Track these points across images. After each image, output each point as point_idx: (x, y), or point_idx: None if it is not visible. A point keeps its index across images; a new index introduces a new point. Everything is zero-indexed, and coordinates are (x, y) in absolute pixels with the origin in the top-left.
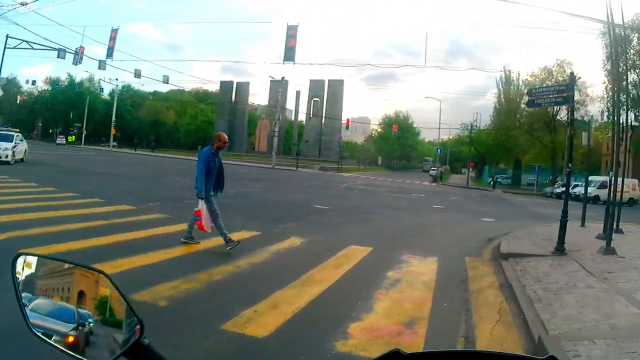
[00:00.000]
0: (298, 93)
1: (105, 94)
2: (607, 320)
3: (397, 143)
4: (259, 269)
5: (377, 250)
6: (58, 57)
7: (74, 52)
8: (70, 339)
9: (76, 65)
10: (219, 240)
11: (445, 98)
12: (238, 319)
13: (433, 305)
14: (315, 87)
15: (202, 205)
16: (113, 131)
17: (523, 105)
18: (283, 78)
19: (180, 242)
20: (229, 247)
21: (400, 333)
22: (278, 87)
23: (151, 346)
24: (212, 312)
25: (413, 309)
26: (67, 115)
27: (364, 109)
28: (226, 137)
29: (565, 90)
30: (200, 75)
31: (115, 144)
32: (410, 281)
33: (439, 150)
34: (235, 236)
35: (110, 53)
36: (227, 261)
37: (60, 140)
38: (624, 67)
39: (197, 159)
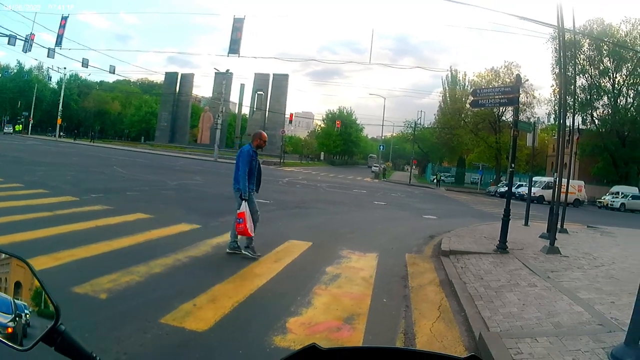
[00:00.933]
0: (242, 86)
1: (53, 83)
2: (550, 319)
3: (340, 139)
4: (198, 262)
5: (317, 245)
6: (8, 44)
7: (24, 39)
8: (9, 330)
9: (26, 52)
10: (159, 232)
11: (390, 95)
12: (177, 313)
13: (372, 301)
14: (260, 80)
15: (245, 207)
16: (59, 121)
17: (468, 105)
18: (228, 70)
19: (117, 234)
20: (245, 253)
21: (339, 328)
22: (222, 80)
23: (67, 332)
24: (151, 306)
25: (352, 304)
26: (15, 104)
27: (308, 104)
28: (266, 135)
29: (511, 91)
30: (146, 65)
31: (62, 134)
32: (350, 277)
33: (381, 147)
34: (175, 229)
35: (59, 41)
36: (167, 254)
37: (8, 129)
38: (573, 72)
39: (235, 157)
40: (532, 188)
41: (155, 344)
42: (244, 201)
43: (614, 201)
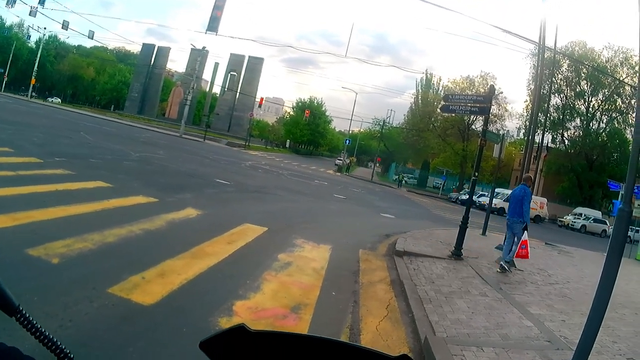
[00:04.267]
0: (216, 65)
1: (32, 42)
2: (498, 330)
3: (307, 128)
4: (151, 236)
5: (272, 231)
6: None
7: None
8: None
9: (9, 7)
10: (116, 202)
11: (362, 91)
12: (125, 284)
13: (321, 293)
14: (235, 61)
15: (526, 236)
16: (33, 81)
17: (439, 110)
18: (204, 48)
19: (76, 200)
20: (503, 267)
21: (285, 316)
22: (197, 56)
23: None
24: (100, 275)
25: (300, 294)
26: None
27: (280, 90)
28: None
29: (483, 101)
30: (125, 35)
31: (34, 94)
32: (301, 266)
33: (347, 141)
34: (132, 200)
35: (42, 0)
36: (122, 224)
37: None
38: (548, 90)
39: (515, 194)
40: (494, 199)
41: (100, 314)
42: (525, 231)
43: (575, 222)
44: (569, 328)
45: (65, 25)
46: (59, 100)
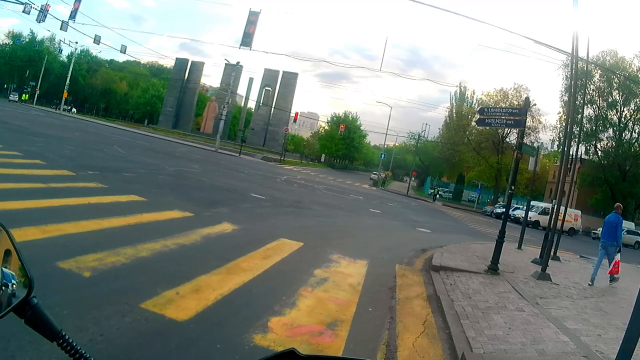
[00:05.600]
0: (251, 80)
1: (63, 56)
2: (534, 345)
3: (342, 143)
4: (186, 250)
5: (308, 246)
6: (23, 11)
7: (39, 9)
8: None
9: (40, 22)
10: (150, 216)
11: (396, 105)
12: (159, 299)
13: (358, 309)
14: (269, 76)
15: (619, 257)
16: (65, 94)
17: (474, 123)
18: (238, 63)
19: (108, 213)
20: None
21: (321, 333)
22: (232, 71)
23: (39, 306)
24: (134, 289)
25: (337, 310)
26: (24, 73)
27: (314, 104)
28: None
29: (518, 114)
30: (157, 49)
31: (66, 107)
32: (337, 282)
33: (383, 156)
34: (167, 215)
35: (73, 14)
36: (156, 239)
37: (13, 96)
38: (581, 101)
39: (609, 222)
40: (529, 212)
41: (132, 329)
42: (619, 253)
43: None
44: (605, 343)
45: (97, 40)
46: (75, 109)
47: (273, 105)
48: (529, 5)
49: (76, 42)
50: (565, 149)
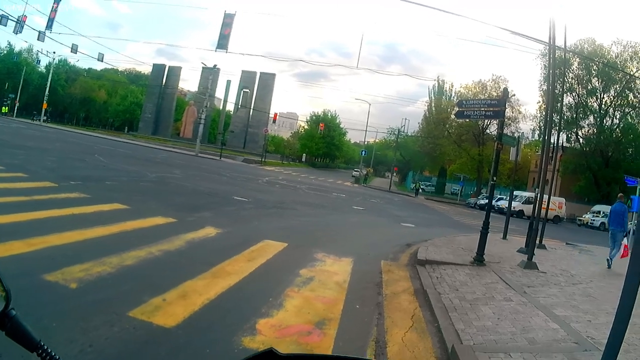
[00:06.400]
0: (228, 82)
1: (42, 67)
2: (524, 334)
3: (323, 141)
4: (171, 256)
5: (292, 246)
6: (0, 24)
7: (16, 20)
8: None
9: (17, 34)
10: (134, 224)
11: (375, 101)
12: (146, 307)
13: (345, 307)
14: (247, 78)
15: (627, 241)
16: (45, 105)
17: (453, 116)
18: (215, 66)
19: (92, 223)
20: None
21: (309, 333)
22: (209, 75)
23: (18, 317)
24: (121, 298)
25: (324, 309)
26: (3, 85)
27: (293, 104)
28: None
29: (497, 104)
30: (135, 56)
31: (45, 118)
32: (323, 280)
33: (363, 152)
34: (150, 222)
35: (50, 24)
36: (140, 246)
37: None
38: (560, 90)
39: (613, 211)
40: (512, 202)
41: (121, 338)
42: (626, 237)
43: (594, 220)
44: (596, 328)
45: (74, 49)
46: (45, 118)
47: (252, 107)
48: None
49: (54, 52)
50: (546, 138)
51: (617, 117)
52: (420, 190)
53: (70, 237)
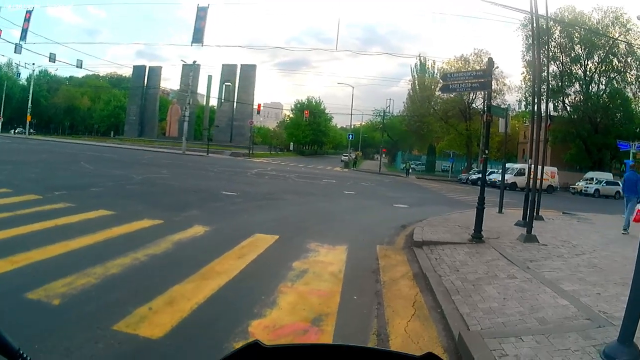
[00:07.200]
0: (210, 77)
1: (23, 80)
2: (533, 314)
3: (309, 129)
4: (158, 261)
5: (284, 238)
6: None
7: None
8: None
9: None
10: (120, 229)
11: (358, 84)
12: (131, 318)
13: (342, 299)
14: (228, 71)
15: (639, 206)
16: (29, 118)
17: (438, 93)
18: (195, 62)
19: (77, 233)
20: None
21: (305, 331)
22: (189, 71)
23: None
24: (105, 311)
25: (320, 303)
26: None
27: (277, 94)
28: None
29: (483, 75)
30: (115, 59)
31: (32, 130)
32: (318, 272)
33: (350, 136)
34: (136, 225)
35: (24, 35)
36: (126, 253)
37: None
38: (545, 59)
39: (628, 180)
40: (505, 175)
41: (106, 355)
42: (639, 203)
43: (588, 187)
44: (606, 301)
45: (52, 58)
46: (23, 129)
47: (235, 100)
48: None
49: (33, 64)
50: (536, 108)
51: (603, 82)
52: (411, 169)
53: (54, 250)
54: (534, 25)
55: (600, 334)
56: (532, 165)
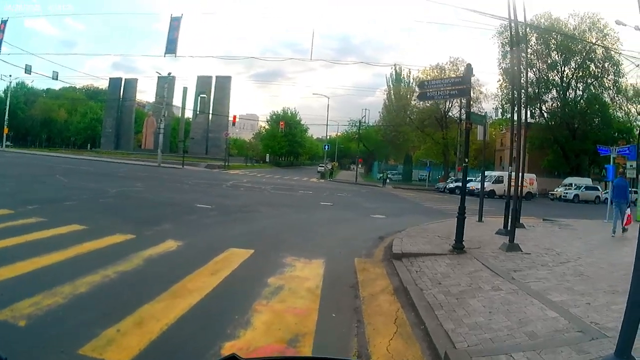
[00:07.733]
0: (185, 89)
1: (0, 92)
2: (522, 328)
3: (285, 140)
4: (128, 278)
5: (259, 253)
6: None
7: None
8: None
9: None
10: (91, 244)
11: (334, 95)
12: (98, 341)
13: (320, 317)
14: (203, 83)
15: (629, 211)
16: (6, 130)
17: (414, 102)
18: (170, 74)
19: (47, 249)
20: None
21: (281, 353)
22: (165, 83)
23: None
24: (71, 334)
25: (296, 322)
26: None
27: (253, 106)
28: None
29: (462, 82)
30: (92, 72)
31: (9, 143)
32: (294, 288)
33: (326, 147)
34: (107, 240)
35: None
36: (95, 270)
37: None
38: (523, 65)
39: (616, 185)
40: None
41: None
42: (629, 207)
43: (567, 192)
44: (597, 311)
45: (28, 69)
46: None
47: (210, 112)
48: None
49: (10, 76)
50: (517, 114)
51: (580, 88)
52: (388, 179)
53: (23, 268)
54: (512, 32)
55: (594, 347)
56: (513, 173)
